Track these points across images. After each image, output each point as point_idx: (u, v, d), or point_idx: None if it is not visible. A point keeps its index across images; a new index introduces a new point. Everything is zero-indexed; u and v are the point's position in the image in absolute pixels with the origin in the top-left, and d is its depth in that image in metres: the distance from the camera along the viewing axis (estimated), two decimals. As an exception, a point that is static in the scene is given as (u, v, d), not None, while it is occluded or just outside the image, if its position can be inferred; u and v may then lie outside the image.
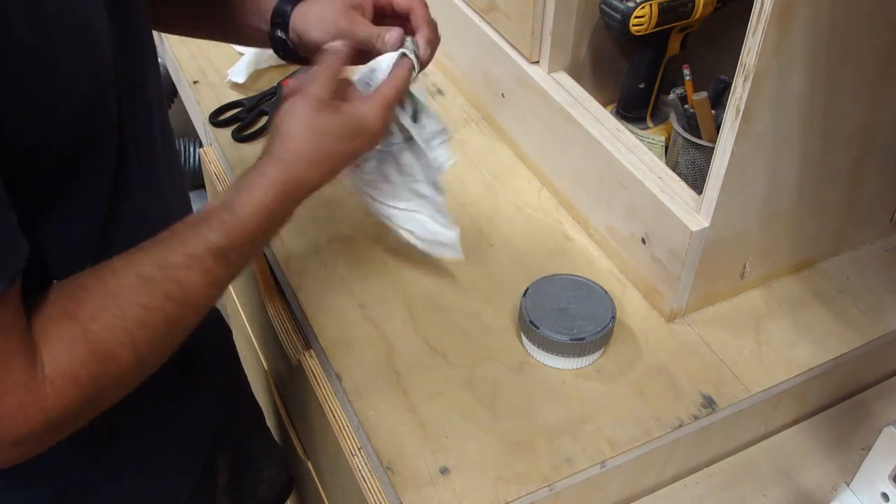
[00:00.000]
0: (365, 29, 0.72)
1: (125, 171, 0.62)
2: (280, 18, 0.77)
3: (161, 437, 0.76)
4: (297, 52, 0.78)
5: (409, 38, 0.73)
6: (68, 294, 0.54)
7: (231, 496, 0.98)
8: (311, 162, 0.65)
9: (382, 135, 0.70)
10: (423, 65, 0.74)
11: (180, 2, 0.81)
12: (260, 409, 1.06)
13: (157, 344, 0.57)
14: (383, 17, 0.76)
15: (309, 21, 0.75)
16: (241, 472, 0.99)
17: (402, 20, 0.75)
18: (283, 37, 0.77)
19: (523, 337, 0.79)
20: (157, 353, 0.58)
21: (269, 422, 1.11)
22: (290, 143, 0.65)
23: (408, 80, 0.72)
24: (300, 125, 0.66)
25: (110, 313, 0.54)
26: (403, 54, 0.72)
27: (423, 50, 0.73)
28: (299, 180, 0.65)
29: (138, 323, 0.55)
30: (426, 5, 0.75)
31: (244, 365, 1.05)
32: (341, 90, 0.69)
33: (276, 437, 1.11)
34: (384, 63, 0.72)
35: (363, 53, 0.74)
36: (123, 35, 0.60)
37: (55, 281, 0.55)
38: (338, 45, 0.72)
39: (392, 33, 0.71)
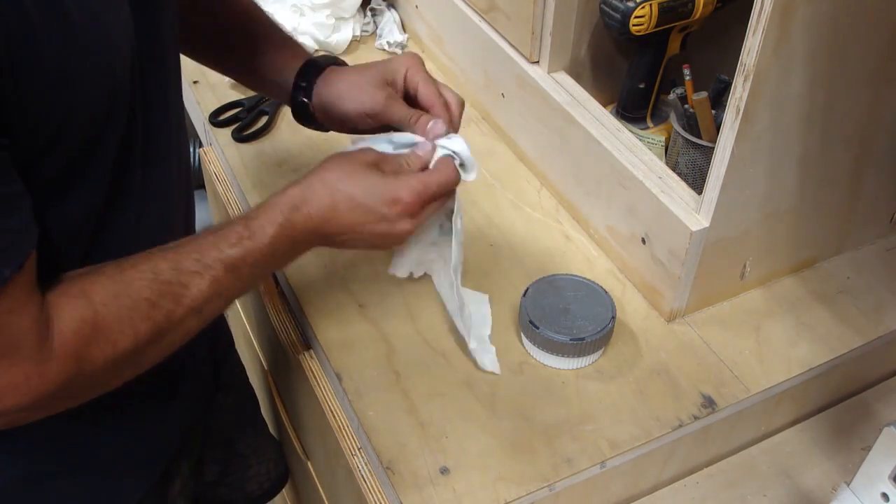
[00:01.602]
0: (400, 110, 0.72)
1: (130, 162, 0.63)
2: (304, 82, 0.77)
3: (123, 444, 0.76)
4: (315, 118, 0.79)
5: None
6: (87, 275, 0.57)
7: (218, 491, 0.98)
8: (337, 198, 0.65)
9: (418, 220, 0.68)
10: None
11: (212, 37, 0.82)
12: (254, 404, 1.05)
13: (156, 340, 0.59)
14: (406, 97, 0.75)
15: (342, 94, 0.75)
16: (229, 469, 0.99)
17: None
18: (306, 101, 0.77)
19: (523, 337, 0.79)
20: (154, 349, 0.60)
21: (270, 422, 1.11)
22: (323, 173, 0.66)
23: (454, 184, 0.70)
24: (340, 164, 0.66)
25: (121, 302, 0.56)
26: (450, 156, 0.70)
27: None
28: (322, 209, 0.65)
29: (143, 316, 0.57)
30: (448, 105, 0.73)
31: (244, 364, 1.05)
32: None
33: (275, 435, 1.11)
34: (414, 141, 0.71)
35: (387, 127, 0.75)
36: (144, 30, 0.61)
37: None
38: (425, 151, 0.70)
39: (437, 125, 0.70)
